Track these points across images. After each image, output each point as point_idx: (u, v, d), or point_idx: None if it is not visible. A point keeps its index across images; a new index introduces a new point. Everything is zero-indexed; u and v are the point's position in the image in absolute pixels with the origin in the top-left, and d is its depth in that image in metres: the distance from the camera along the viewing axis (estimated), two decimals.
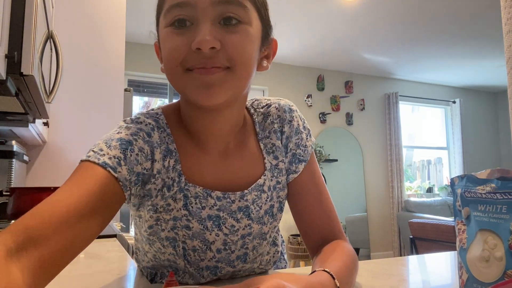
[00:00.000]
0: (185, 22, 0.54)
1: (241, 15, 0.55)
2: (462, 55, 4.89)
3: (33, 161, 2.15)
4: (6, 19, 0.83)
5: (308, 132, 0.72)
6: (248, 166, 0.66)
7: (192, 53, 0.53)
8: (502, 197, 0.47)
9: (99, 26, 2.34)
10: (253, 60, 0.57)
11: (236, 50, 0.54)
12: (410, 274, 0.81)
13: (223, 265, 0.67)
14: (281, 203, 0.70)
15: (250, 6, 0.56)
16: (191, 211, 0.61)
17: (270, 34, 0.63)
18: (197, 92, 0.54)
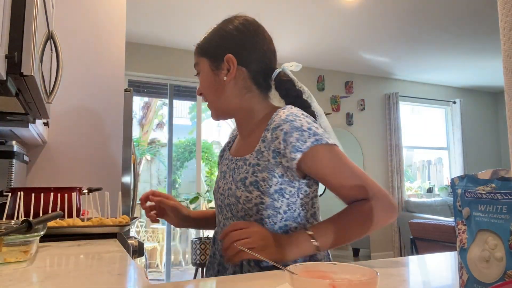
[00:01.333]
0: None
1: (197, 69, 0.99)
2: (462, 55, 4.89)
3: (33, 161, 2.15)
4: (6, 19, 0.83)
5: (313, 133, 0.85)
6: (249, 145, 0.93)
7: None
8: (502, 197, 0.47)
9: (99, 26, 2.34)
10: (211, 86, 0.96)
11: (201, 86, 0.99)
12: (410, 275, 0.81)
13: (222, 205, 0.95)
14: (258, 182, 0.86)
15: (200, 60, 0.99)
16: (221, 165, 1.05)
17: (220, 59, 0.94)
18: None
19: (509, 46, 0.39)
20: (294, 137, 0.83)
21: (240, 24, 1.03)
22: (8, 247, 0.80)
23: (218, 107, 0.98)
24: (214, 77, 0.95)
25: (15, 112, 1.20)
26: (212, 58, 0.96)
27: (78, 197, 1.50)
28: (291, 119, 0.85)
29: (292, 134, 0.83)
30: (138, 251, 1.27)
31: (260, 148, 0.88)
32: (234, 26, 1.01)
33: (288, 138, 0.83)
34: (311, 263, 0.53)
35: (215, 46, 0.96)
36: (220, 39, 0.97)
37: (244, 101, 0.96)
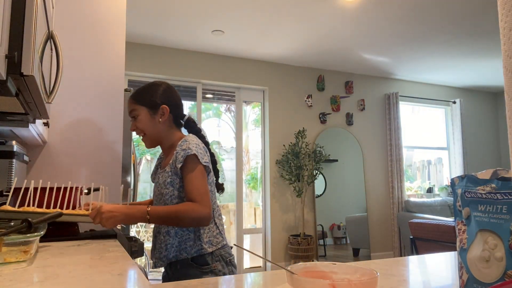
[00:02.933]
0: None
1: (135, 114, 1.45)
2: (462, 55, 4.89)
3: (33, 161, 2.15)
4: (6, 19, 0.83)
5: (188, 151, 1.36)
6: (167, 162, 1.47)
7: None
8: (502, 197, 0.47)
9: (99, 26, 2.34)
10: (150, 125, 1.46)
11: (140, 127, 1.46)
12: (410, 275, 0.81)
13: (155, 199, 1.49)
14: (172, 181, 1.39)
15: (139, 108, 1.45)
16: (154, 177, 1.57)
17: (155, 108, 1.45)
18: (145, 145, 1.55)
19: (509, 46, 0.39)
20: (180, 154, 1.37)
21: (167, 86, 1.54)
22: (8, 247, 0.80)
23: (153, 139, 1.47)
24: (151, 120, 1.44)
25: (15, 112, 1.20)
26: (150, 107, 1.44)
27: (78, 197, 1.50)
28: (180, 145, 1.40)
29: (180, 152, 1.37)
30: (138, 251, 1.27)
31: (171, 162, 1.40)
32: (164, 87, 1.52)
33: (177, 156, 1.37)
34: (311, 263, 0.53)
35: (147, 99, 1.45)
36: (155, 94, 1.46)
37: (168, 134, 1.49)
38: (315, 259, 4.80)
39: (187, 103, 5.89)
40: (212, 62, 4.66)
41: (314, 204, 5.01)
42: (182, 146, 1.38)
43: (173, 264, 1.35)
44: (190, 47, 4.49)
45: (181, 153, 1.35)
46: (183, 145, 1.39)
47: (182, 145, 1.39)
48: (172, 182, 1.38)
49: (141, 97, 1.45)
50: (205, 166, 1.36)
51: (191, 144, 1.38)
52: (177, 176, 1.38)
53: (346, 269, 0.52)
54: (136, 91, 1.47)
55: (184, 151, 1.35)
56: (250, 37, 4.21)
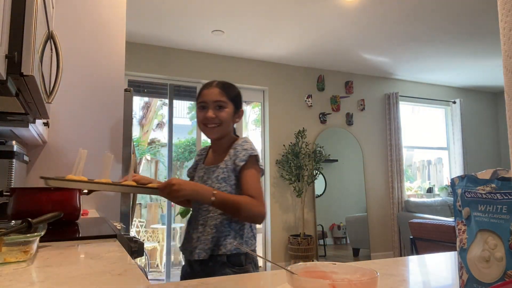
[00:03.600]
0: (203, 107, 1.48)
1: (223, 105, 1.46)
2: (462, 55, 4.89)
3: (33, 161, 2.15)
4: (6, 19, 0.83)
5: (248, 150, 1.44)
6: (219, 159, 1.49)
7: (205, 118, 1.46)
8: (502, 197, 0.47)
9: (99, 26, 2.34)
10: (229, 120, 1.48)
11: (221, 118, 1.46)
12: (410, 275, 0.81)
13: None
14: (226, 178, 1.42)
15: (228, 101, 1.47)
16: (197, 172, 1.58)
17: (239, 109, 1.53)
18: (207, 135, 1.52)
19: (509, 46, 0.39)
20: (240, 153, 1.43)
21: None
22: (8, 247, 0.80)
23: (222, 133, 1.49)
24: (232, 117, 1.50)
25: (15, 112, 1.20)
26: (235, 107, 1.51)
27: (78, 197, 1.50)
28: (242, 145, 1.47)
29: (241, 152, 1.44)
30: (138, 251, 1.27)
31: (227, 159, 1.45)
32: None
33: (238, 153, 1.43)
34: (311, 263, 0.53)
35: (237, 101, 1.53)
36: (240, 97, 1.55)
37: (229, 134, 1.53)
38: (315, 259, 4.80)
39: (187, 103, 5.90)
40: (212, 62, 4.66)
41: (314, 204, 5.01)
42: (243, 146, 1.45)
43: (204, 260, 1.34)
44: (190, 47, 4.49)
45: (243, 152, 1.42)
46: (245, 145, 1.46)
47: (243, 145, 1.46)
48: (226, 178, 1.42)
49: (233, 93, 1.50)
50: (261, 169, 1.45)
51: (253, 146, 1.47)
52: (233, 173, 1.42)
53: (346, 269, 0.52)
54: (228, 85, 1.51)
55: (246, 151, 1.42)
56: (250, 37, 4.21)
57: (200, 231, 1.38)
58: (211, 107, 1.45)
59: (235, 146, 1.47)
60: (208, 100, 1.46)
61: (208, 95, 1.47)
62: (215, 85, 1.48)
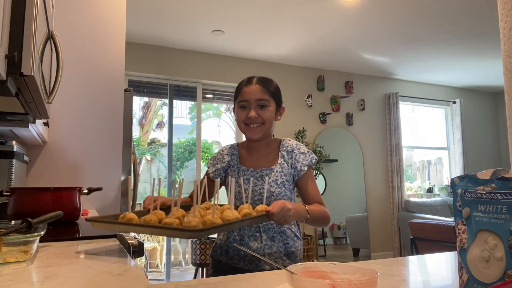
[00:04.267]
0: (245, 107, 1.40)
1: (266, 103, 1.39)
2: (462, 55, 4.89)
3: (33, 161, 2.15)
4: (6, 19, 0.83)
5: (310, 153, 1.43)
6: (270, 161, 1.43)
7: (247, 118, 1.38)
8: (502, 197, 0.47)
9: (99, 26, 2.34)
10: (272, 119, 1.41)
11: (264, 117, 1.39)
12: (410, 275, 0.81)
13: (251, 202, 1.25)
14: (284, 182, 1.38)
15: (270, 99, 1.41)
16: (240, 175, 1.41)
17: (280, 105, 1.47)
18: (250, 135, 1.42)
19: (509, 46, 0.39)
20: (301, 158, 1.40)
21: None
22: (8, 247, 0.80)
23: (265, 132, 1.41)
24: (274, 115, 1.43)
25: (15, 112, 1.20)
26: (277, 104, 1.45)
27: (78, 197, 1.50)
28: (298, 147, 1.44)
29: (300, 156, 1.41)
30: (138, 251, 1.27)
31: (281, 162, 1.40)
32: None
33: (298, 158, 1.40)
34: (311, 263, 0.53)
35: (278, 97, 1.47)
36: (280, 94, 1.48)
37: (271, 133, 1.47)
38: (315, 259, 4.80)
39: (187, 103, 5.90)
40: (212, 62, 4.66)
41: None
42: (299, 148, 1.43)
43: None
44: (190, 47, 4.49)
45: (302, 156, 1.40)
46: (300, 148, 1.43)
47: (299, 148, 1.43)
48: (285, 183, 1.37)
49: (274, 90, 1.45)
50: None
51: (306, 148, 1.45)
52: (291, 178, 1.39)
53: (346, 269, 0.52)
54: (268, 81, 1.44)
55: (305, 155, 1.40)
56: (250, 37, 4.21)
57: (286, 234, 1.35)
58: (253, 106, 1.38)
59: (289, 149, 1.42)
60: (250, 98, 1.38)
61: (249, 94, 1.38)
62: (255, 82, 1.41)
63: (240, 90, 1.42)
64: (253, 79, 1.42)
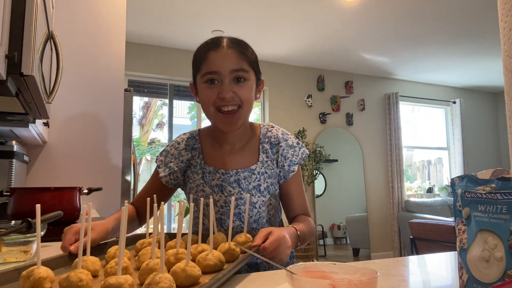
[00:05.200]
0: (214, 81, 0.98)
1: (244, 76, 0.98)
2: (462, 55, 4.89)
3: (33, 161, 2.15)
4: (6, 19, 0.83)
5: (300, 146, 1.09)
6: (247, 157, 1.07)
7: (219, 99, 0.97)
8: (502, 197, 0.47)
9: (99, 26, 2.34)
10: (252, 99, 1.02)
11: (243, 96, 0.98)
12: (410, 275, 0.81)
13: (225, 218, 1.03)
14: (269, 186, 1.05)
15: (249, 69, 1.00)
16: (206, 181, 1.05)
17: (260, 78, 1.06)
18: (223, 126, 1.00)
19: (509, 46, 0.39)
20: (290, 153, 1.07)
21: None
22: (8, 247, 0.80)
23: (245, 117, 1.02)
24: (253, 93, 1.03)
25: (15, 112, 1.20)
26: (257, 75, 1.05)
27: (78, 197, 1.50)
28: (285, 138, 1.09)
29: (288, 150, 1.07)
30: None
31: (263, 159, 1.06)
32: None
33: (285, 154, 1.07)
34: (311, 263, 0.53)
35: (257, 66, 1.05)
36: (257, 60, 1.06)
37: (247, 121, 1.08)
38: (315, 259, 4.80)
39: (187, 103, 5.90)
40: None
41: (314, 204, 5.01)
42: (288, 140, 1.07)
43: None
44: (190, 47, 4.48)
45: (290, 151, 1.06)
46: (289, 139, 1.08)
47: (287, 139, 1.07)
48: (269, 188, 1.05)
49: (253, 58, 1.03)
50: None
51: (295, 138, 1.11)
52: (276, 180, 1.06)
53: (346, 269, 0.52)
54: (244, 46, 1.02)
55: (294, 149, 1.06)
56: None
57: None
58: (227, 81, 0.96)
59: (273, 140, 1.07)
60: (222, 69, 0.96)
61: (220, 62, 0.96)
62: (228, 45, 0.99)
63: (204, 56, 0.99)
64: (223, 40, 1.00)
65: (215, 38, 1.03)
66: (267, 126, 1.11)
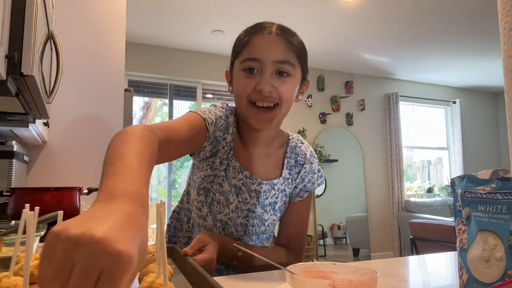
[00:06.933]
0: (254, 70, 0.84)
1: (290, 70, 0.85)
2: (462, 55, 4.89)
3: (33, 161, 2.15)
4: (7, 19, 0.83)
5: (320, 175, 1.00)
6: (271, 168, 0.96)
7: (255, 91, 0.83)
8: (502, 197, 0.47)
9: (99, 26, 2.34)
10: (293, 99, 0.88)
11: (284, 94, 0.84)
12: (410, 275, 0.81)
13: (231, 224, 0.92)
14: (282, 206, 0.97)
15: (296, 64, 0.86)
16: (227, 175, 0.91)
17: (306, 77, 0.92)
18: (255, 122, 0.85)
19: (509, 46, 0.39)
20: (308, 178, 0.99)
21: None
22: (8, 247, 0.80)
23: (280, 118, 0.89)
24: (295, 92, 0.89)
25: (15, 112, 1.20)
26: (303, 74, 0.90)
27: (78, 197, 1.50)
28: (311, 161, 1.00)
29: (308, 175, 0.99)
30: None
31: (285, 175, 0.97)
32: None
33: (304, 177, 0.98)
34: (311, 263, 0.53)
35: (306, 63, 0.91)
36: (306, 57, 0.92)
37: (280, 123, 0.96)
38: (315, 259, 4.80)
39: (187, 103, 5.90)
40: (212, 62, 4.65)
41: (314, 204, 5.01)
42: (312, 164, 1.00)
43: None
44: (190, 47, 4.48)
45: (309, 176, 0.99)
46: (314, 163, 1.00)
47: (312, 162, 1.00)
48: (281, 208, 0.97)
49: (303, 52, 0.90)
50: None
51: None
52: (287, 199, 0.98)
53: (346, 269, 0.52)
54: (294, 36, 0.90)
55: (316, 176, 0.99)
56: None
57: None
58: (269, 72, 0.83)
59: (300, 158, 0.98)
60: (265, 57, 0.83)
61: (266, 48, 0.83)
62: (276, 31, 0.85)
63: (247, 40, 0.85)
64: (273, 25, 0.87)
65: (263, 22, 0.88)
66: (296, 140, 1.00)
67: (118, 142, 0.54)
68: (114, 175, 0.45)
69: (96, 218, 0.34)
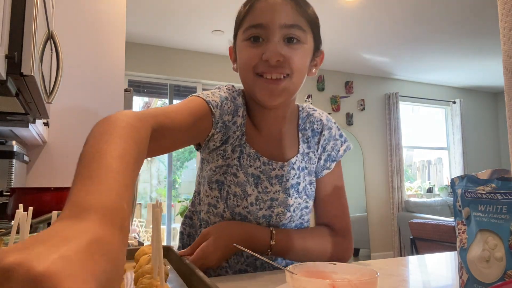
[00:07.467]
0: (259, 39, 0.74)
1: (300, 36, 0.74)
2: (462, 55, 4.89)
3: (33, 161, 2.15)
4: (7, 19, 0.83)
5: (344, 140, 0.90)
6: (286, 147, 0.84)
7: (262, 62, 0.73)
8: (502, 197, 0.47)
9: (99, 26, 2.34)
10: (305, 70, 0.79)
11: (295, 63, 0.73)
12: (410, 274, 0.81)
13: (251, 218, 0.81)
14: (307, 186, 0.85)
15: (307, 29, 0.76)
16: (242, 164, 0.80)
17: (320, 47, 0.82)
18: (263, 95, 0.75)
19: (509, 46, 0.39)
20: (330, 146, 0.88)
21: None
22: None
23: (292, 92, 0.77)
24: (308, 62, 0.78)
25: (15, 112, 1.20)
26: (316, 42, 0.79)
27: None
28: (330, 127, 0.89)
29: (329, 142, 0.88)
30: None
31: (304, 150, 0.86)
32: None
33: (326, 145, 0.88)
34: (311, 263, 0.53)
35: (318, 30, 0.80)
36: (318, 24, 0.80)
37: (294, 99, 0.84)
38: None
39: None
40: (212, 62, 4.65)
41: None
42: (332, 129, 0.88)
43: None
44: (190, 47, 4.48)
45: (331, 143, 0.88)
46: (333, 128, 0.89)
47: (331, 127, 0.88)
48: (307, 188, 0.86)
49: (315, 19, 0.79)
50: None
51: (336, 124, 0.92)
52: (314, 177, 0.88)
53: (346, 269, 0.52)
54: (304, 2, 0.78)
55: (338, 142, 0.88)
56: None
57: None
58: (277, 38, 0.73)
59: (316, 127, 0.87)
60: (271, 21, 0.73)
61: (271, 11, 0.73)
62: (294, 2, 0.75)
63: (249, 7, 0.79)
64: None
65: None
66: (307, 109, 0.89)
67: (97, 134, 0.46)
68: (87, 181, 0.36)
69: (49, 242, 0.26)
